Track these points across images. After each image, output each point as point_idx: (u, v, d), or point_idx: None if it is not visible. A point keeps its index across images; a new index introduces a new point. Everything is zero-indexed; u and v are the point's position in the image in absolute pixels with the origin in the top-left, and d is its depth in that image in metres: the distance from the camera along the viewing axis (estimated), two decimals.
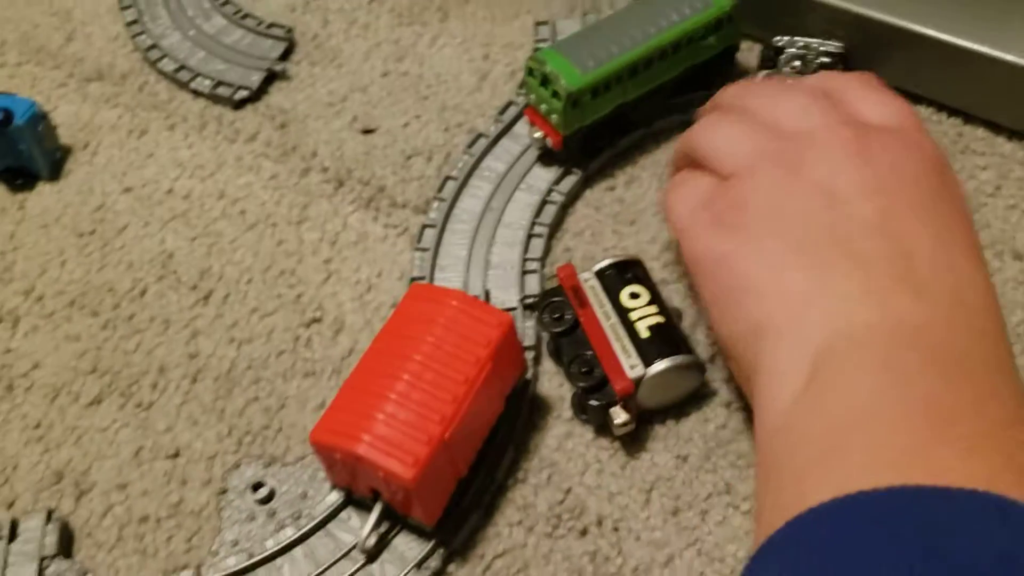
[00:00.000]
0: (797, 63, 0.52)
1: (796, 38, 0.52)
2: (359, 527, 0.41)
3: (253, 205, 0.54)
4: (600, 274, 0.44)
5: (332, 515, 0.42)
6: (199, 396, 0.47)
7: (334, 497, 0.42)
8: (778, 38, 0.53)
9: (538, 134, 0.50)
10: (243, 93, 0.58)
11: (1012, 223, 0.48)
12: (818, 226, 0.35)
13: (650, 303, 0.43)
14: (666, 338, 0.42)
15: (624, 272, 0.44)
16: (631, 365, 0.41)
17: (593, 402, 0.41)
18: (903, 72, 0.51)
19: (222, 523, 0.43)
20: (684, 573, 0.39)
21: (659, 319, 0.42)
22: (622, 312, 0.43)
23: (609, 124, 0.51)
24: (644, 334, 0.42)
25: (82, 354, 0.49)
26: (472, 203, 0.51)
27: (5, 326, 0.51)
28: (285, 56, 0.60)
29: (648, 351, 0.42)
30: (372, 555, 0.41)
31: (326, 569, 0.41)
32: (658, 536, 0.40)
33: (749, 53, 0.57)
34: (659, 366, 0.41)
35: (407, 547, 0.41)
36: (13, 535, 0.43)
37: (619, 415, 0.41)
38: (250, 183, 0.55)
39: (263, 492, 0.43)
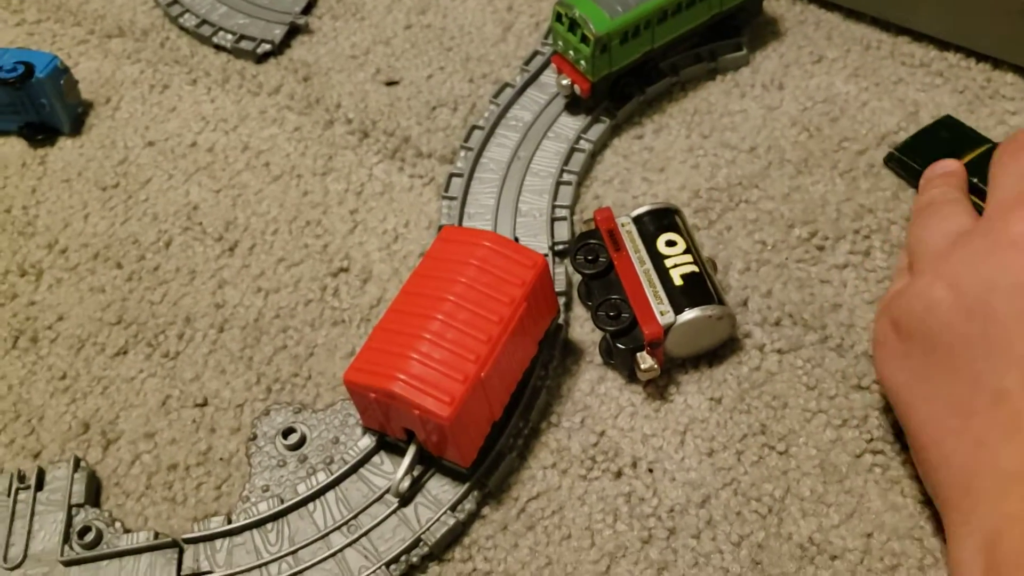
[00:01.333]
0: None
1: None
2: (392, 471, 0.41)
3: (277, 157, 0.54)
4: (638, 220, 0.44)
5: (364, 459, 0.42)
6: (226, 345, 0.47)
7: (366, 442, 0.42)
8: None
9: (566, 81, 0.50)
10: (266, 47, 0.58)
11: None
12: (987, 381, 0.31)
13: (685, 252, 0.43)
14: (699, 287, 0.42)
15: (662, 219, 0.44)
16: (661, 311, 0.41)
17: (620, 345, 0.41)
18: (932, 18, 0.51)
19: (252, 469, 0.43)
20: (720, 512, 0.39)
21: (693, 268, 0.42)
22: (657, 258, 0.42)
23: (637, 71, 0.51)
24: (677, 282, 0.42)
25: (107, 306, 0.49)
26: (499, 152, 0.50)
27: (29, 279, 0.51)
28: (307, 10, 0.60)
29: (680, 299, 0.41)
30: (406, 499, 0.40)
31: (359, 513, 0.40)
32: (693, 477, 0.40)
33: (776, 3, 0.56)
34: (689, 314, 0.41)
35: (441, 490, 0.40)
36: (40, 484, 0.43)
37: (645, 360, 0.41)
38: (274, 135, 0.55)
39: (294, 438, 0.43)
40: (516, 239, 0.47)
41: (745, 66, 0.53)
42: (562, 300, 0.45)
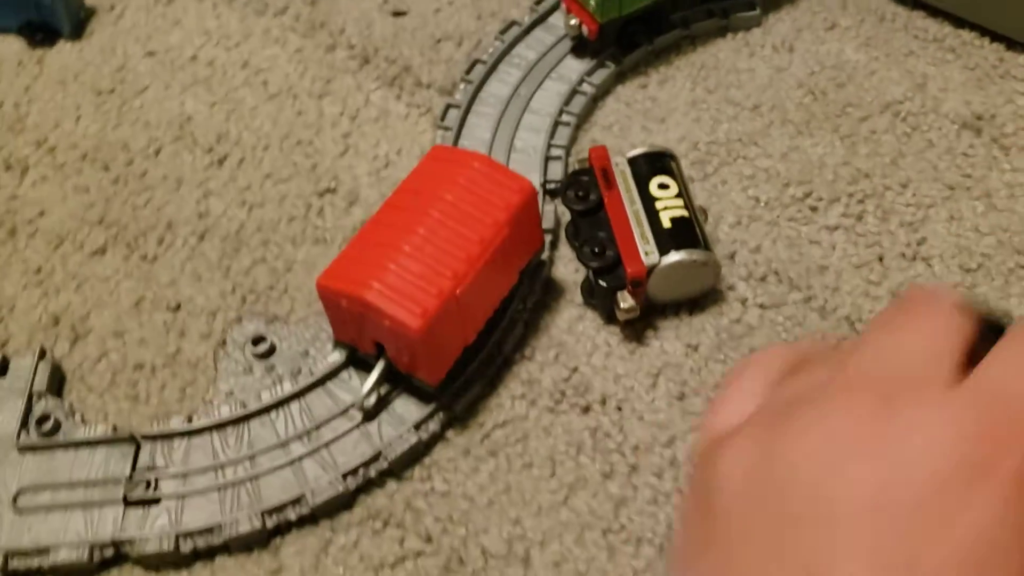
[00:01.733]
0: None
1: None
2: (359, 388, 0.40)
3: (276, 76, 0.53)
4: (633, 161, 0.43)
5: (332, 374, 0.41)
6: (205, 254, 0.46)
7: (336, 357, 0.41)
8: None
9: (574, 21, 0.49)
10: None
11: None
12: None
13: (677, 196, 0.42)
14: (687, 232, 0.41)
15: (657, 162, 0.43)
16: (647, 252, 0.40)
17: (601, 283, 0.41)
18: None
19: (218, 374, 0.42)
20: (685, 455, 0.38)
21: (683, 212, 0.41)
22: (648, 200, 0.42)
23: (647, 20, 0.50)
24: (666, 224, 0.41)
25: (90, 205, 0.49)
26: (500, 88, 0.50)
27: (13, 174, 0.50)
28: None
29: (666, 241, 0.40)
30: (370, 414, 0.40)
31: (321, 425, 0.40)
32: (661, 418, 0.39)
33: None
34: (674, 257, 0.40)
35: (406, 410, 0.40)
36: (3, 371, 0.42)
37: (625, 299, 0.40)
38: (275, 55, 0.54)
39: (263, 347, 0.42)
40: None
41: (757, 26, 0.52)
42: (548, 238, 0.44)
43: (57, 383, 0.43)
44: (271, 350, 0.42)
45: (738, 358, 0.41)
